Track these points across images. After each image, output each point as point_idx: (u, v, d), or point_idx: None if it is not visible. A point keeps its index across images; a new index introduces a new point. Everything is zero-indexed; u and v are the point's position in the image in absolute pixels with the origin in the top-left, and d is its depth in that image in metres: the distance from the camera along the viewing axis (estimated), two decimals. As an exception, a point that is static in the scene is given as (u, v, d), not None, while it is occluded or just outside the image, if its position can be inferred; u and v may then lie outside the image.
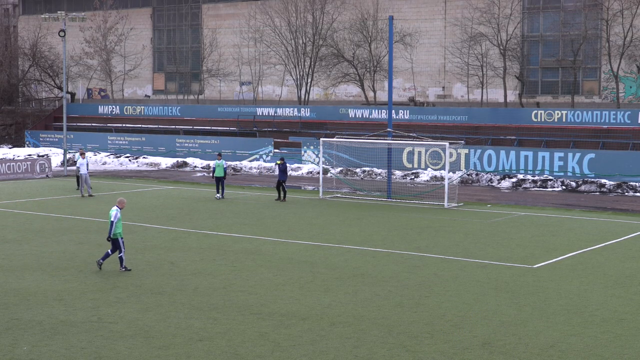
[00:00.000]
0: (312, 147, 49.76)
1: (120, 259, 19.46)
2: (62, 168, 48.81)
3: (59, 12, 49.54)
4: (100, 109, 65.44)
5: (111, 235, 19.26)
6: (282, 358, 12.95)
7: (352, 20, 59.41)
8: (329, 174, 43.26)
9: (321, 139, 40.05)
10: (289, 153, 50.86)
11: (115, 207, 19.53)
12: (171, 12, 71.16)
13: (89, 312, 15.53)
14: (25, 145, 63.90)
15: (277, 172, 36.11)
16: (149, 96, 72.05)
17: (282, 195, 34.72)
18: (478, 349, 13.49)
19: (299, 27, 61.16)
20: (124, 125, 62.34)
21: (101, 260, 19.62)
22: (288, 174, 38.41)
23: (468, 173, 44.05)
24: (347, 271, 19.65)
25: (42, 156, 54.18)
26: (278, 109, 56.48)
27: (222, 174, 35.22)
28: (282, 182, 34.78)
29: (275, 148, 51.82)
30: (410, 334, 14.32)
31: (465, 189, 39.98)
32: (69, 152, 53.56)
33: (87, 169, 36.10)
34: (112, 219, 19.23)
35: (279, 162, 35.77)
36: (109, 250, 19.59)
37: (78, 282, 18.12)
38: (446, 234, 25.89)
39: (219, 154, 37.02)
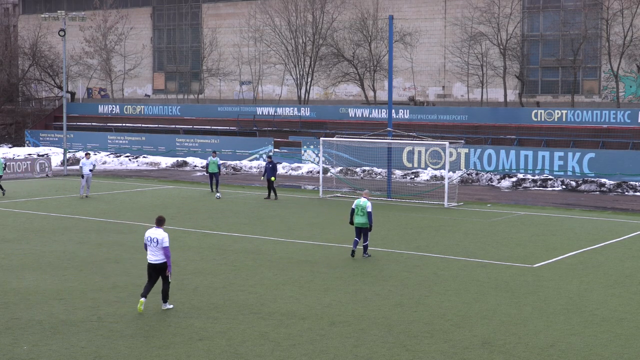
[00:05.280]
0: (312, 147, 49.76)
1: (366, 247, 21.21)
2: (62, 167, 48.81)
3: (58, 11, 49.51)
4: (100, 109, 65.45)
5: (371, 227, 21.23)
6: (282, 357, 12.95)
7: (352, 19, 59.42)
8: (329, 174, 43.26)
9: (321, 138, 40.05)
10: (288, 152, 50.89)
11: (364, 199, 21.16)
12: (171, 11, 71.17)
13: (89, 312, 15.53)
14: (25, 145, 63.90)
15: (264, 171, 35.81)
16: (149, 95, 72.06)
17: (272, 193, 34.73)
18: (478, 348, 13.49)
19: (299, 26, 61.17)
20: (124, 124, 62.35)
21: (365, 254, 21.24)
22: (283, 172, 38.41)
23: (468, 172, 44.05)
24: (347, 270, 19.65)
25: (42, 155, 54.20)
26: (278, 109, 56.48)
27: (216, 170, 36.43)
28: (269, 180, 34.79)
29: (275, 147, 51.82)
30: (410, 333, 14.32)
31: (465, 189, 39.99)
32: (69, 151, 53.58)
33: (92, 170, 35.92)
34: (369, 209, 20.93)
35: (269, 159, 35.84)
36: (356, 238, 21.27)
37: (78, 282, 18.13)
38: (446, 233, 25.89)
39: (214, 152, 38.17)
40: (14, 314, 15.32)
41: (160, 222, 15.91)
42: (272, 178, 34.75)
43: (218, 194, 35.23)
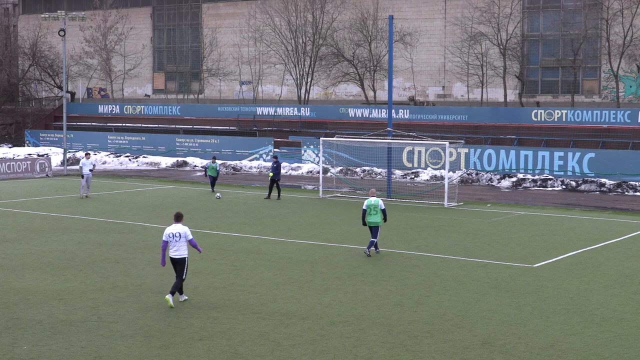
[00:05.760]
0: (312, 147, 49.77)
1: (372, 242, 21.50)
2: (62, 167, 48.81)
3: (58, 11, 49.51)
4: (100, 109, 65.46)
5: (386, 219, 21.65)
6: (282, 357, 12.95)
7: (352, 19, 59.42)
8: (329, 174, 43.25)
9: (321, 138, 40.04)
10: (288, 152, 50.87)
11: (374, 197, 21.49)
12: (171, 11, 71.17)
13: (89, 312, 15.53)
14: (25, 145, 63.91)
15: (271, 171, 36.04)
16: (149, 95, 72.06)
17: (276, 193, 34.81)
18: (478, 348, 13.49)
19: (299, 26, 61.18)
20: (124, 124, 62.37)
21: (368, 251, 21.51)
22: (283, 172, 38.60)
23: (468, 172, 44.05)
24: (347, 270, 19.65)
25: (42, 155, 54.20)
26: (278, 109, 56.48)
27: (214, 175, 37.32)
28: (276, 180, 34.86)
29: (275, 147, 51.84)
30: (410, 333, 14.32)
31: (465, 188, 39.99)
32: (69, 151, 53.56)
33: (92, 170, 35.88)
34: (382, 207, 21.33)
35: (274, 159, 35.91)
36: (375, 239, 21.49)
37: (78, 282, 18.13)
38: (446, 233, 25.89)
39: (214, 158, 38.39)
40: (14, 314, 15.31)
41: (179, 218, 16.64)
42: (270, 174, 34.84)
43: (218, 194, 35.25)
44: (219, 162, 41.29)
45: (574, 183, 40.83)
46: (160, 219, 28.18)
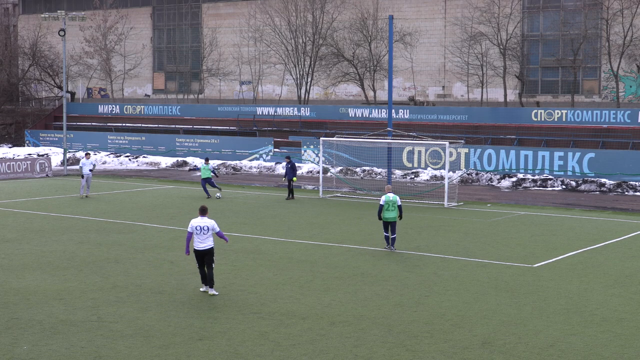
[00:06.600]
0: (312, 147, 49.77)
1: (394, 239, 22.24)
2: (62, 167, 48.80)
3: (58, 11, 49.51)
4: (100, 109, 65.46)
5: (401, 216, 22.23)
6: (282, 357, 12.95)
7: (352, 19, 59.43)
8: (329, 174, 43.25)
9: (321, 138, 40.02)
10: (288, 152, 50.86)
11: (392, 194, 22.07)
12: (171, 11, 71.17)
13: (89, 312, 15.53)
14: (25, 145, 63.92)
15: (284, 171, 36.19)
16: (149, 95, 72.06)
17: (290, 193, 34.95)
18: (478, 348, 13.49)
19: (299, 26, 61.19)
20: (124, 124, 62.38)
21: (392, 247, 22.27)
22: (283, 172, 38.65)
23: (468, 172, 44.05)
24: (347, 270, 19.65)
25: (42, 155, 54.20)
26: (278, 109, 56.49)
27: (208, 175, 35.96)
28: (290, 180, 34.97)
29: (275, 147, 51.84)
30: (410, 333, 14.32)
31: (465, 188, 39.99)
32: (69, 151, 53.55)
33: (92, 170, 35.87)
34: (399, 203, 21.97)
35: (287, 159, 36.01)
36: (393, 236, 22.27)
37: (78, 282, 18.13)
38: (446, 233, 25.89)
39: (207, 159, 37.57)
40: (14, 314, 15.32)
41: (204, 212, 17.31)
42: (294, 179, 34.98)
43: (218, 194, 35.25)
44: (214, 162, 41.02)
45: (574, 183, 40.84)
46: (160, 219, 28.19)
